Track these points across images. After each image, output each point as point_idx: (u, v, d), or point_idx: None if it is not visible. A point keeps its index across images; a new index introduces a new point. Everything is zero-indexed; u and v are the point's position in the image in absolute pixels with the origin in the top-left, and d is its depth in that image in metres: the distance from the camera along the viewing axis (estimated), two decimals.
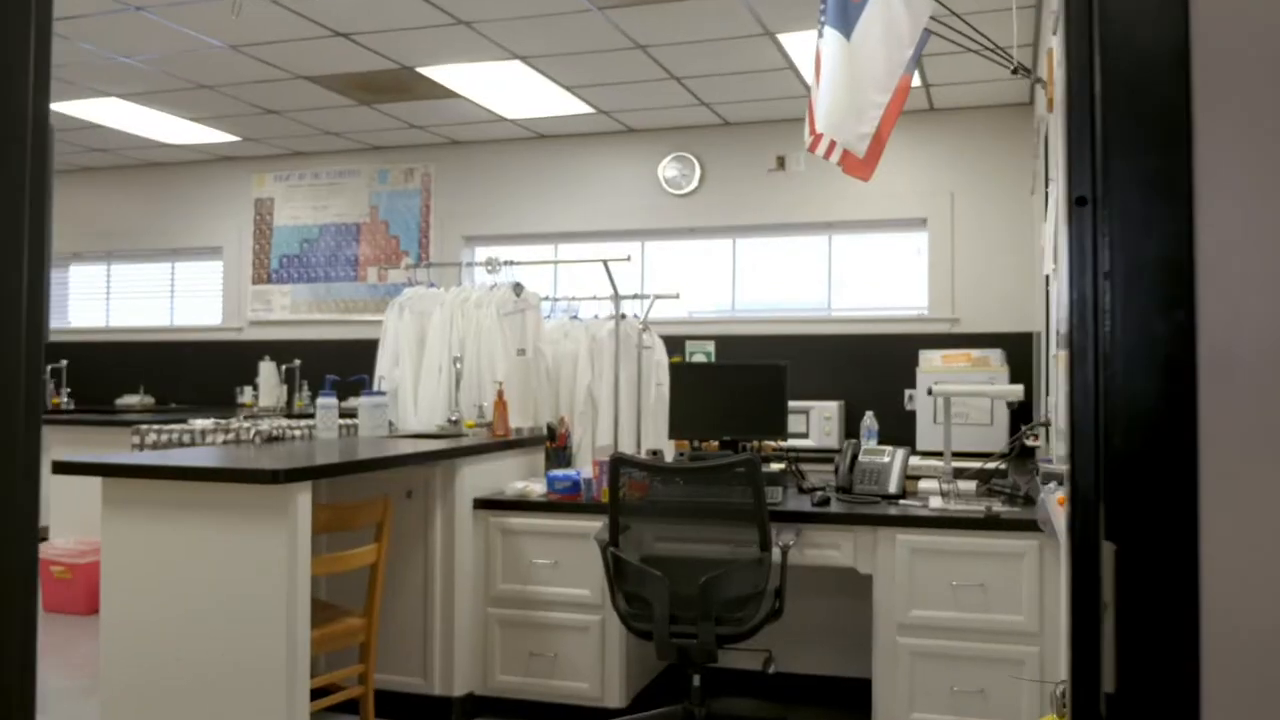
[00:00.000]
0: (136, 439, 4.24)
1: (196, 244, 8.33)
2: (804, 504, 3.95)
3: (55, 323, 8.81)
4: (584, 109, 6.64)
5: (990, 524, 3.59)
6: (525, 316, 5.14)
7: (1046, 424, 3.65)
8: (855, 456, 4.22)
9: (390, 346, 5.22)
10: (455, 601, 4.07)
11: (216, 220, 8.28)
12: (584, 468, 4.34)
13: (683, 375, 4.44)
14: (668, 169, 7.18)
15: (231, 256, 8.23)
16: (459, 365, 4.90)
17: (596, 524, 3.99)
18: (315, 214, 8.03)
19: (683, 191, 7.14)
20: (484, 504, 4.19)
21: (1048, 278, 4.02)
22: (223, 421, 4.28)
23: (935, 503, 3.89)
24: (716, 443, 4.37)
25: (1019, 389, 3.96)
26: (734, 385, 4.35)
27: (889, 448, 4.24)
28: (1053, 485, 3.28)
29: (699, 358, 6.99)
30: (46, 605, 5.54)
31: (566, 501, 4.12)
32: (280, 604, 3.08)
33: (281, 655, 3.07)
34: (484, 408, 4.79)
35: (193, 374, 8.23)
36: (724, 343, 6.95)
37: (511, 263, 5.22)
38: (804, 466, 4.69)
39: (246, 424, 4.21)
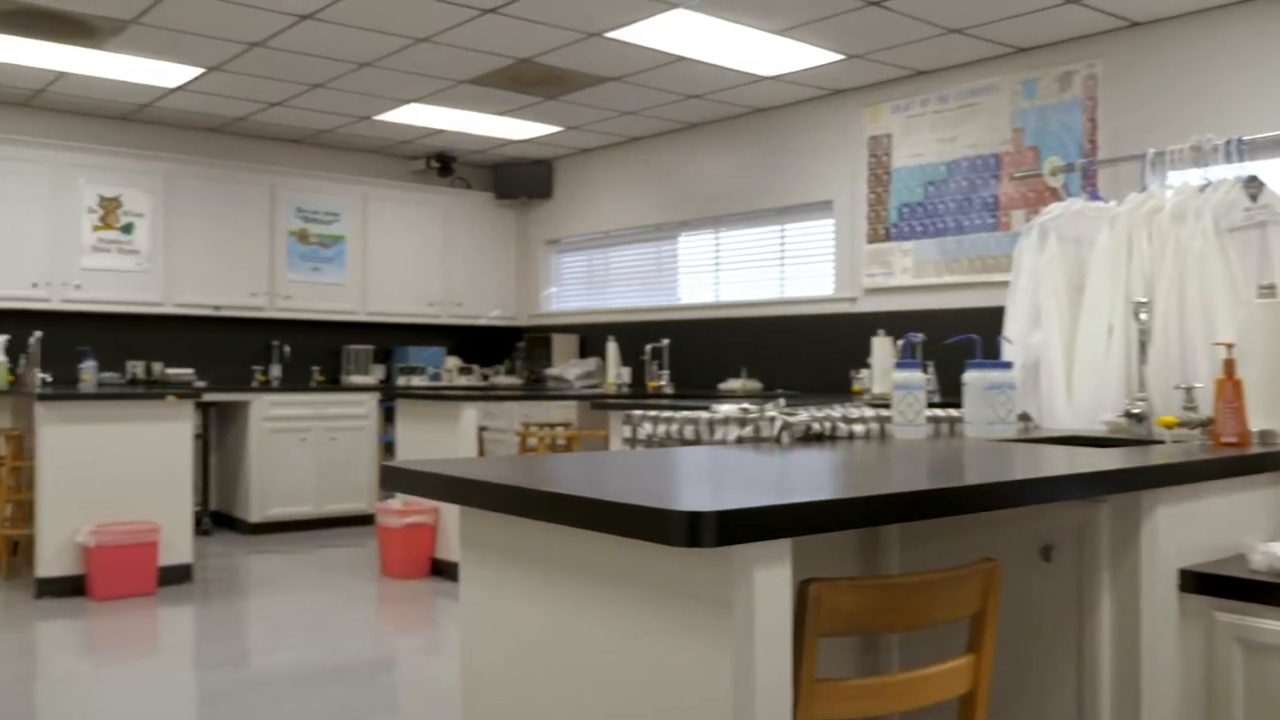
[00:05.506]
0: (628, 430, 2.87)
1: (806, 200, 6.99)
2: None
3: (664, 300, 8.05)
4: None
5: None
6: (1266, 234, 2.91)
7: None
8: None
9: (1026, 295, 3.29)
10: None
11: (826, 169, 6.86)
12: None
13: None
14: None
15: (843, 211, 6.75)
16: (1144, 319, 2.83)
17: None
18: (942, 148, 6.25)
19: None
20: (1201, 582, 2.12)
21: None
22: (751, 409, 2.73)
23: None
24: None
25: None
26: None
27: None
28: None
29: None
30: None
31: None
32: None
33: None
34: (1194, 393, 2.66)
35: (802, 354, 6.91)
36: None
37: (1243, 142, 2.99)
38: None
39: (771, 412, 2.59)
